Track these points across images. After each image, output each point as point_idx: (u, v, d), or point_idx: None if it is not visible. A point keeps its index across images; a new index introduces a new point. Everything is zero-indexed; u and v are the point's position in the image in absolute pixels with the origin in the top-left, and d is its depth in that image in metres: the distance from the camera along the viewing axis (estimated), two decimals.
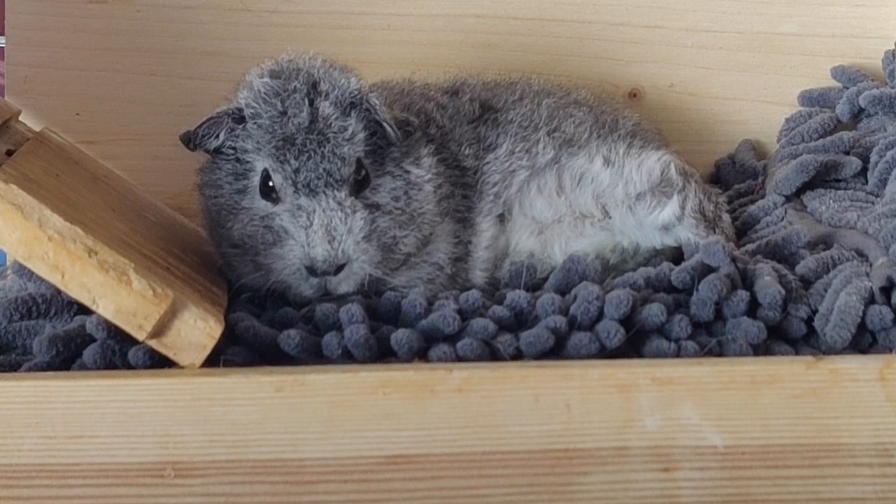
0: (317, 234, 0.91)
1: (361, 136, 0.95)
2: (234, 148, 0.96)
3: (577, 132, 1.08)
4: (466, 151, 1.04)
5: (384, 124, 0.95)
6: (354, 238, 0.92)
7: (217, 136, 0.96)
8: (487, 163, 1.04)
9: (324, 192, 0.92)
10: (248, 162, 0.95)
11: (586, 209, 1.05)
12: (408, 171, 0.97)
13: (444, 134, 1.04)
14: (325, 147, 0.93)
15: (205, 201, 0.98)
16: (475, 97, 1.09)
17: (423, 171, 0.98)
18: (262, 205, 0.95)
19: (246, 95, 0.95)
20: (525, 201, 1.04)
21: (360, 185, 0.95)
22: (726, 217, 1.11)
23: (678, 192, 1.06)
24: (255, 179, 0.95)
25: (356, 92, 0.95)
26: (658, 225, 1.05)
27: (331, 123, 0.93)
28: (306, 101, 0.93)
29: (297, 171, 0.92)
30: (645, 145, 1.10)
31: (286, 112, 0.93)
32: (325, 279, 0.93)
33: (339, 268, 0.92)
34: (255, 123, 0.94)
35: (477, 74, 1.16)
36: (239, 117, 0.95)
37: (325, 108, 0.94)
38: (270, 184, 0.94)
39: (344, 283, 0.93)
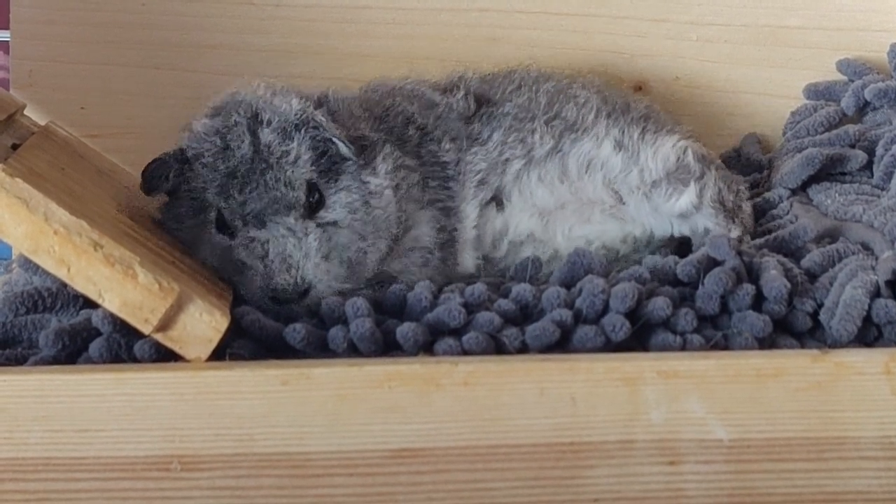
0: (273, 264, 0.90)
1: (307, 157, 0.94)
2: (188, 189, 0.95)
3: (581, 114, 1.07)
4: (447, 147, 1.03)
5: (335, 140, 0.94)
6: (312, 261, 0.91)
7: (167, 179, 0.95)
8: (473, 153, 1.04)
9: (272, 220, 0.92)
10: (202, 199, 0.95)
11: (595, 196, 1.04)
12: (366, 182, 0.96)
13: (425, 134, 1.04)
14: (267, 174, 0.92)
15: (171, 234, 0.97)
16: (470, 92, 1.08)
17: (381, 178, 0.97)
18: (219, 239, 0.94)
19: (188, 137, 0.96)
20: (525, 190, 1.04)
21: (314, 208, 0.94)
22: (747, 206, 1.09)
23: (695, 179, 1.05)
24: (212, 214, 0.95)
25: (300, 112, 0.95)
26: (675, 213, 1.04)
27: (273, 150, 0.93)
28: (248, 133, 0.93)
29: (243, 203, 0.92)
30: (659, 129, 1.08)
31: (228, 146, 0.93)
32: (292, 306, 0.91)
33: (304, 292, 0.91)
34: (199, 163, 0.94)
35: (481, 68, 1.15)
36: (183, 158, 0.95)
37: (267, 135, 0.93)
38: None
39: (313, 307, 0.91)
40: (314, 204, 0.94)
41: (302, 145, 0.94)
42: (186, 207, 0.96)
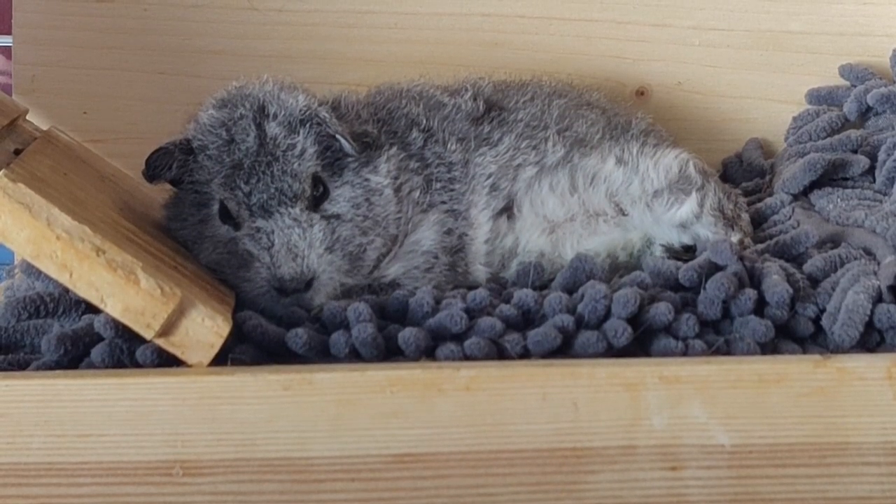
0: (279, 254, 0.91)
1: (312, 150, 0.95)
2: (192, 181, 0.96)
3: (590, 133, 1.08)
4: (453, 147, 1.04)
5: (338, 136, 0.95)
6: (317, 251, 0.92)
7: (170, 168, 0.96)
8: (481, 155, 1.04)
9: (278, 211, 0.92)
10: (206, 192, 0.96)
11: (599, 207, 1.04)
12: (367, 180, 0.97)
13: (430, 136, 1.04)
14: (274, 166, 0.93)
15: (172, 234, 0.98)
16: (479, 94, 1.09)
17: (381, 177, 0.98)
18: (224, 231, 0.95)
19: (193, 128, 0.96)
20: (536, 199, 1.04)
21: (318, 201, 0.95)
22: (745, 216, 1.10)
23: (697, 189, 1.05)
24: (215, 208, 0.95)
25: (305, 108, 0.96)
26: (676, 222, 1.05)
27: (279, 143, 0.94)
28: (253, 126, 0.94)
29: (249, 194, 0.93)
30: (659, 143, 1.10)
31: (234, 139, 0.94)
32: (296, 297, 0.92)
33: (308, 283, 0.92)
34: (204, 155, 0.95)
35: (489, 74, 1.15)
36: (188, 149, 0.96)
37: (273, 128, 0.94)
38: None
39: (316, 298, 0.93)
40: (318, 196, 0.95)
41: (307, 139, 0.95)
42: (189, 202, 0.97)
